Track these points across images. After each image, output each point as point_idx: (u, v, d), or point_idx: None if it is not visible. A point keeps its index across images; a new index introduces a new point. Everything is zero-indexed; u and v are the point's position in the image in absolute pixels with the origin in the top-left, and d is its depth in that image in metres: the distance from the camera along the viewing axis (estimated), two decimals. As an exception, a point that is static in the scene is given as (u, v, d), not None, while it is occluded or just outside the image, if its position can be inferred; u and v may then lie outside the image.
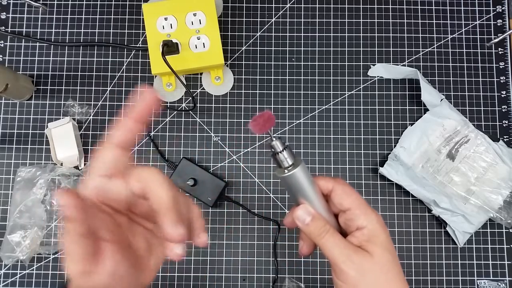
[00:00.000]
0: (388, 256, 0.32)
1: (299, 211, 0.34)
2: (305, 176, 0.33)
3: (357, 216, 0.33)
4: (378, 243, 0.32)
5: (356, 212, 0.33)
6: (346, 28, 0.63)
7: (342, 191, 0.34)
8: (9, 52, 0.62)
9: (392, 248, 0.33)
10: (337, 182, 0.35)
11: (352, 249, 0.32)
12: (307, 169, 0.34)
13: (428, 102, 0.59)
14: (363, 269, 0.32)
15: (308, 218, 0.33)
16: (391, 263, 0.32)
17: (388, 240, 0.33)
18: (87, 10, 0.63)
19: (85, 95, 0.61)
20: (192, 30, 0.56)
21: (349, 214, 0.34)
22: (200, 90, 0.62)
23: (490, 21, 0.63)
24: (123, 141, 0.31)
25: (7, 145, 0.60)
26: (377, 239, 0.33)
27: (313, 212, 0.34)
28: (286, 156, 0.33)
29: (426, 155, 0.58)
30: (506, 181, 0.57)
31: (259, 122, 0.32)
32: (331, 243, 0.33)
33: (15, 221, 0.56)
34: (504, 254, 0.58)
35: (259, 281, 0.58)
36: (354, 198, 0.34)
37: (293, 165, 0.33)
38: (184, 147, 0.61)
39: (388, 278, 0.32)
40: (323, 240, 0.33)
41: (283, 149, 0.33)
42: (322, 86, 0.62)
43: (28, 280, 0.58)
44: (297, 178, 0.33)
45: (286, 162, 0.33)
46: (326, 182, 0.35)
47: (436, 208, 0.57)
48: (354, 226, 0.33)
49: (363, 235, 0.33)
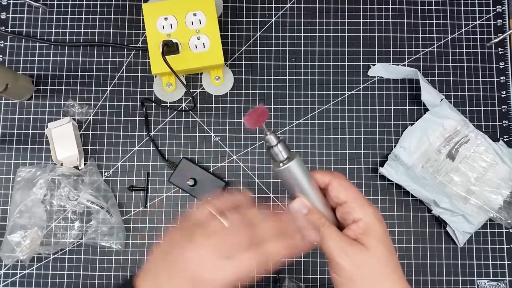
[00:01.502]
0: (383, 249, 0.32)
1: (295, 204, 0.34)
2: (300, 170, 0.33)
3: (353, 209, 0.33)
4: (374, 235, 0.32)
5: (352, 205, 0.33)
6: (346, 28, 0.63)
7: (339, 184, 0.34)
8: (9, 52, 0.62)
9: (389, 241, 0.33)
10: (334, 175, 0.35)
11: (348, 242, 0.32)
12: (303, 163, 0.34)
13: (428, 102, 0.59)
14: (358, 262, 0.31)
15: (304, 211, 0.33)
16: (387, 257, 0.32)
17: (384, 234, 0.33)
18: (87, 10, 0.63)
19: (85, 95, 0.61)
20: (192, 30, 0.56)
21: (345, 207, 0.34)
22: (200, 90, 0.62)
23: (490, 21, 0.63)
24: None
25: (7, 145, 0.60)
26: (373, 232, 0.32)
27: (309, 205, 0.34)
28: (281, 149, 0.33)
29: (426, 155, 0.58)
30: (506, 181, 0.57)
31: (253, 116, 0.32)
32: (326, 235, 0.33)
33: (15, 221, 0.56)
34: (504, 254, 0.58)
35: (259, 281, 0.58)
36: (351, 191, 0.34)
37: (288, 158, 0.33)
38: (184, 147, 0.61)
39: (385, 272, 0.32)
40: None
41: (277, 142, 0.33)
42: (322, 86, 0.62)
43: (28, 280, 0.58)
44: (293, 171, 0.33)
45: (281, 155, 0.33)
46: (322, 175, 0.35)
47: (436, 208, 0.57)
48: (351, 219, 0.33)
49: (359, 227, 0.32)
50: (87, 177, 0.58)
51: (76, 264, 0.58)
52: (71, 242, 0.58)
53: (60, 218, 0.58)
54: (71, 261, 0.58)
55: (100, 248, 0.58)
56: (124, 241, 0.58)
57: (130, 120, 0.61)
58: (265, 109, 0.33)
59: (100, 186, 0.59)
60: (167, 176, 0.60)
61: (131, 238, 0.59)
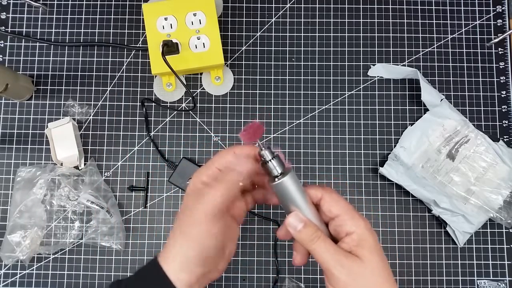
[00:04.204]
0: (377, 260, 0.33)
1: (291, 218, 0.35)
2: (294, 185, 0.34)
3: (345, 222, 0.34)
4: (367, 247, 0.33)
5: (344, 217, 0.34)
6: (346, 28, 0.63)
7: (331, 198, 0.35)
8: (9, 52, 0.62)
9: (381, 251, 0.34)
10: (325, 190, 0.36)
11: (343, 254, 0.33)
12: (297, 178, 0.35)
13: (428, 102, 0.59)
14: (354, 273, 0.32)
15: (300, 225, 0.34)
16: (381, 267, 0.33)
17: (376, 244, 0.34)
18: (87, 10, 0.63)
19: (85, 95, 0.61)
20: (192, 30, 0.56)
21: (338, 220, 0.35)
22: (200, 90, 0.62)
23: (490, 21, 0.63)
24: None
25: (7, 145, 0.60)
26: (366, 243, 0.33)
27: (304, 219, 0.35)
28: (275, 165, 0.35)
29: (426, 155, 0.58)
30: (506, 181, 0.57)
31: (249, 132, 0.34)
32: (322, 248, 0.34)
33: (15, 221, 0.56)
34: (504, 254, 0.58)
35: (259, 281, 0.58)
36: (342, 204, 0.35)
37: (283, 173, 0.34)
38: (184, 147, 0.61)
39: (379, 281, 0.33)
40: (314, 245, 0.34)
41: (272, 158, 0.34)
42: (322, 86, 0.62)
43: (28, 280, 0.58)
44: (287, 186, 0.34)
45: (276, 170, 0.35)
46: (315, 190, 0.36)
47: (436, 208, 0.57)
48: (344, 232, 0.34)
49: (352, 240, 0.34)
50: (87, 177, 0.58)
51: (76, 264, 0.58)
52: (71, 242, 0.58)
53: (60, 218, 0.58)
54: (71, 261, 0.58)
55: (100, 248, 0.58)
56: (124, 241, 0.58)
57: (130, 120, 0.61)
58: (261, 125, 0.34)
59: (100, 186, 0.59)
60: (167, 176, 0.60)
61: (131, 238, 0.59)
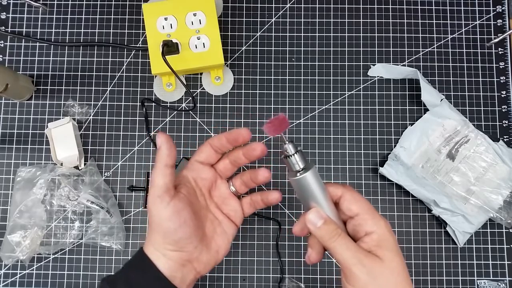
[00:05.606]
0: (398, 261, 0.33)
1: (311, 214, 0.34)
2: (315, 180, 0.34)
3: (365, 221, 0.34)
4: (388, 247, 0.33)
5: (364, 217, 0.34)
6: (346, 28, 0.63)
7: (351, 197, 0.35)
8: (9, 52, 0.62)
9: (400, 253, 0.34)
10: (346, 188, 0.36)
11: (363, 253, 0.33)
12: (318, 174, 0.34)
13: (428, 102, 0.59)
14: (374, 273, 0.32)
15: (320, 222, 0.34)
16: (401, 267, 0.33)
17: (396, 245, 0.34)
18: (87, 10, 0.63)
19: (85, 95, 0.61)
20: (192, 30, 0.56)
21: (357, 219, 0.34)
22: (200, 90, 0.62)
23: (490, 21, 0.63)
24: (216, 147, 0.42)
25: (7, 145, 0.60)
26: (387, 243, 0.33)
27: (324, 215, 0.34)
28: (298, 160, 0.34)
29: (426, 155, 0.58)
30: (506, 181, 0.57)
31: (274, 124, 0.33)
32: (343, 246, 0.33)
33: (15, 221, 0.56)
34: (504, 254, 0.58)
35: (259, 281, 0.58)
36: (362, 203, 0.35)
37: (305, 169, 0.34)
38: (184, 147, 0.61)
39: (398, 281, 0.33)
40: (334, 243, 0.33)
41: (295, 152, 0.34)
42: (322, 86, 0.62)
43: (28, 280, 0.58)
44: (308, 182, 0.34)
45: (298, 165, 0.34)
46: (335, 188, 0.35)
47: (436, 208, 0.57)
48: (363, 231, 0.34)
49: (373, 240, 0.33)
50: (87, 177, 0.58)
51: (76, 264, 0.58)
52: (71, 242, 0.58)
53: (60, 218, 0.58)
54: (71, 261, 0.58)
55: (100, 248, 0.58)
56: (124, 241, 0.58)
57: (130, 120, 0.61)
58: (286, 118, 0.34)
59: (100, 186, 0.59)
60: (167, 176, 0.60)
61: (131, 238, 0.59)
